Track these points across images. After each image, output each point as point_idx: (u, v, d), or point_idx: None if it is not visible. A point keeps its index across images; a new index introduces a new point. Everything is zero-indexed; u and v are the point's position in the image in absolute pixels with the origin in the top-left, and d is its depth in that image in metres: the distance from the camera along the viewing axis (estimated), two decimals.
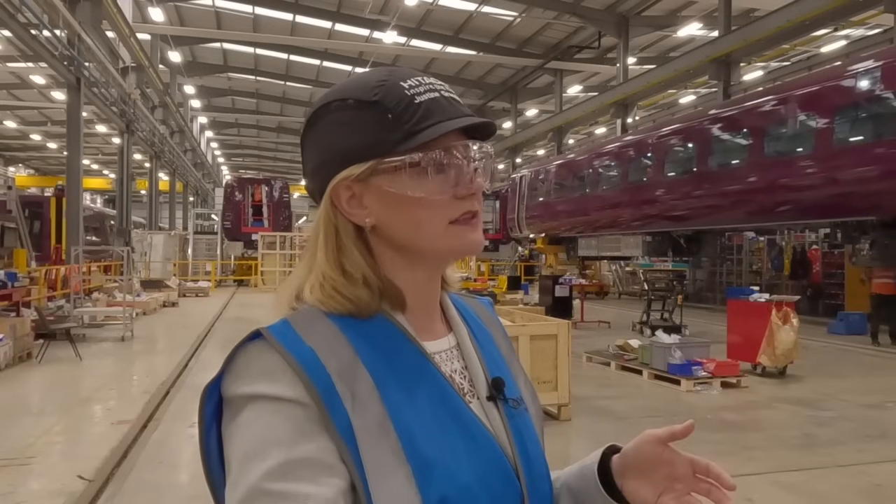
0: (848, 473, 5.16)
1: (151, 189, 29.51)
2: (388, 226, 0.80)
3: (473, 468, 0.75)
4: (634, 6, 23.22)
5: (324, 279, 0.79)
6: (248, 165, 63.31)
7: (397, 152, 0.77)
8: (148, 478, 4.99)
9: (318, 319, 0.78)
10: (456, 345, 0.87)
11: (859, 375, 9.53)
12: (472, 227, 0.81)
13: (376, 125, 0.77)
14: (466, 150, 0.80)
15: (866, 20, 18.03)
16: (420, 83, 0.80)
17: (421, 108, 0.77)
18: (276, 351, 0.73)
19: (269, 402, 0.71)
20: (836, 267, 17.28)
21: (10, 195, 14.65)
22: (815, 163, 12.03)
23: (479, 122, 0.80)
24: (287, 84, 36.76)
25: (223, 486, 0.75)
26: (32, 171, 53.27)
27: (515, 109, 33.94)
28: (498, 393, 0.84)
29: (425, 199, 0.77)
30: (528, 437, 0.84)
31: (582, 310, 15.42)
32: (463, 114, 0.80)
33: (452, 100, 0.81)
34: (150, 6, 24.83)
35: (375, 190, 0.79)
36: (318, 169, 0.82)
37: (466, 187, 0.79)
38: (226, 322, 14.47)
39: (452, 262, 0.87)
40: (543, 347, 6.44)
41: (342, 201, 0.80)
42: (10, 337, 8.79)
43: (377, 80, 0.80)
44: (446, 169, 0.78)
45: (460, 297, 0.95)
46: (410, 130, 0.77)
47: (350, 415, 0.71)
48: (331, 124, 0.80)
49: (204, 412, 0.75)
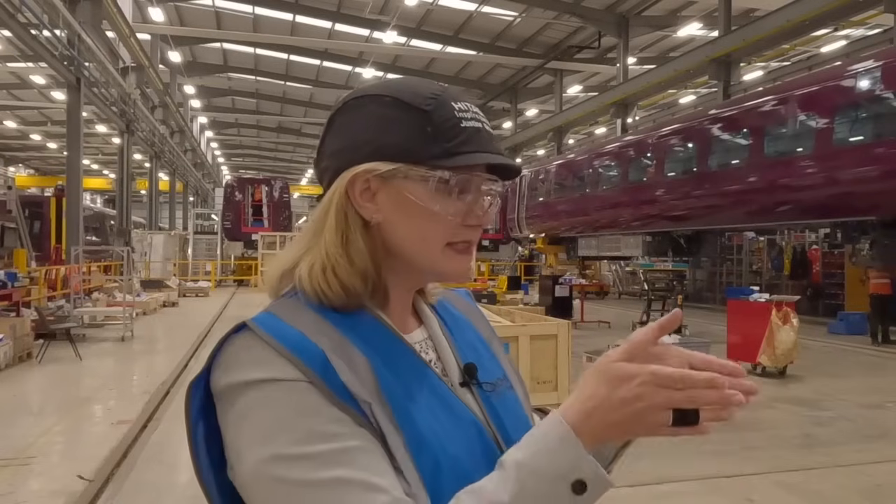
0: (848, 473, 5.16)
1: (151, 189, 29.51)
2: (393, 228, 0.81)
3: (460, 442, 0.77)
4: (634, 6, 23.22)
5: (327, 258, 0.80)
6: (248, 165, 63.33)
7: (430, 164, 0.79)
8: (148, 478, 4.99)
9: (301, 308, 0.79)
10: (428, 337, 0.89)
11: (859, 375, 9.53)
12: (465, 256, 0.84)
13: (419, 132, 0.79)
14: (489, 185, 0.83)
15: (866, 20, 18.03)
16: (468, 109, 0.83)
17: (464, 133, 0.80)
18: (263, 340, 0.74)
19: (270, 384, 0.72)
20: (836, 267, 17.28)
21: (10, 195, 14.64)
22: (815, 163, 12.03)
23: (511, 164, 0.84)
24: (287, 84, 36.76)
25: (214, 484, 0.75)
26: (32, 171, 53.30)
27: (515, 109, 33.93)
28: (470, 378, 0.86)
29: (439, 215, 0.80)
30: (506, 415, 0.85)
31: (582, 310, 15.42)
32: (497, 151, 0.83)
33: (490, 134, 0.84)
34: (150, 6, 24.83)
35: (393, 191, 0.80)
36: (341, 151, 0.83)
37: (477, 218, 0.83)
38: (226, 322, 14.46)
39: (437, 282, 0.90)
40: (543, 347, 6.44)
41: (356, 191, 0.81)
42: (10, 337, 8.79)
43: (431, 92, 0.82)
44: (466, 195, 0.81)
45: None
46: (450, 150, 0.79)
47: (347, 384, 0.72)
48: (373, 115, 0.81)
49: (190, 408, 0.76)
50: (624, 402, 0.67)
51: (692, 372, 0.68)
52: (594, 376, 0.70)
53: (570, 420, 0.68)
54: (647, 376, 0.67)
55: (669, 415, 0.68)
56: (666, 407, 0.67)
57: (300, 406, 0.70)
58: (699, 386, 0.67)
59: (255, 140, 52.01)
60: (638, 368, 0.68)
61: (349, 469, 0.68)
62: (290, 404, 0.71)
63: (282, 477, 0.68)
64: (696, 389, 0.67)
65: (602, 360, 0.70)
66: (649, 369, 0.67)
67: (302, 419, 0.70)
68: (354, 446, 0.69)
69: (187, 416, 0.76)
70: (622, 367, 0.68)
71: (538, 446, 0.68)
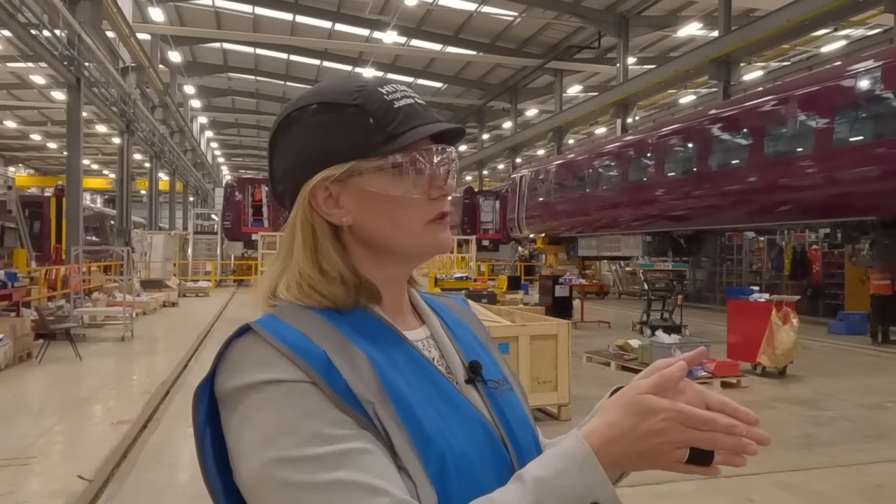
0: (848, 473, 5.17)
1: (151, 189, 29.52)
2: (365, 225, 0.82)
3: (466, 439, 0.77)
4: (634, 6, 23.22)
5: (300, 277, 0.81)
6: (248, 165, 63.30)
7: (379, 154, 0.80)
8: (148, 478, 4.99)
9: (301, 311, 0.80)
10: (430, 335, 0.89)
11: (859, 375, 9.52)
12: (444, 227, 0.85)
13: (357, 127, 0.80)
14: (441, 154, 0.84)
15: (866, 20, 18.04)
16: (396, 90, 0.83)
17: (400, 113, 0.81)
18: (267, 342, 0.74)
19: (274, 386, 0.72)
20: (836, 267, 17.27)
21: (10, 195, 14.65)
22: (815, 163, 12.03)
23: (453, 127, 0.85)
24: (287, 84, 36.75)
25: (221, 489, 0.75)
26: (32, 171, 53.30)
27: (515, 109, 33.93)
28: (475, 375, 0.86)
29: (404, 198, 0.81)
30: (510, 413, 0.86)
31: (582, 310, 15.42)
32: (436, 119, 0.84)
33: (425, 106, 0.85)
34: (150, 6, 24.84)
35: (354, 190, 0.81)
36: (293, 170, 0.83)
37: (440, 189, 0.83)
38: (226, 322, 14.46)
39: (424, 261, 0.90)
40: (543, 347, 6.44)
41: (319, 201, 0.82)
42: (10, 337, 8.79)
43: (356, 86, 0.83)
44: (423, 170, 0.82)
45: (430, 296, 0.98)
46: (392, 133, 0.80)
47: (350, 385, 0.72)
48: (308, 126, 0.82)
49: (197, 414, 0.76)
50: (648, 434, 0.69)
51: (716, 415, 0.69)
52: (621, 405, 0.71)
53: (593, 443, 0.69)
54: (674, 413, 0.68)
55: (686, 452, 0.70)
56: (686, 445, 0.69)
57: (302, 407, 0.71)
58: (720, 430, 0.68)
59: (255, 140, 51.99)
60: (667, 404, 0.69)
61: (351, 471, 0.68)
62: (293, 406, 0.71)
63: (283, 479, 0.68)
64: (717, 433, 0.68)
65: (630, 391, 0.71)
66: (677, 407, 0.69)
67: (304, 421, 0.70)
68: (356, 448, 0.69)
69: (195, 423, 0.76)
70: (651, 400, 0.69)
71: (559, 465, 0.69)
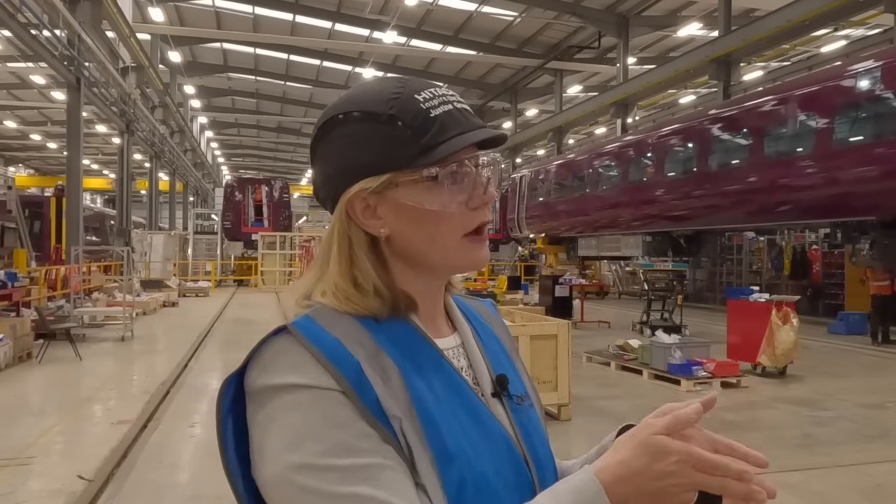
0: (848, 473, 5.17)
1: (151, 189, 29.51)
2: (401, 237, 0.81)
3: (488, 458, 0.77)
4: (634, 6, 23.21)
5: (336, 289, 0.81)
6: (248, 165, 63.33)
7: (414, 167, 0.78)
8: (148, 478, 4.99)
9: (339, 316, 0.80)
10: (461, 343, 0.89)
11: (859, 375, 9.53)
12: (480, 243, 0.83)
13: (392, 140, 0.78)
14: (479, 162, 0.82)
15: (866, 20, 18.02)
16: (433, 95, 0.81)
17: (436, 123, 0.78)
18: (302, 345, 0.74)
19: (304, 391, 0.72)
20: (836, 267, 17.27)
21: (10, 195, 14.65)
22: (815, 163, 12.02)
23: (493, 134, 0.82)
24: (287, 84, 36.75)
25: (240, 477, 0.76)
26: (32, 171, 53.27)
27: (515, 109, 33.92)
28: (502, 389, 0.86)
29: (441, 212, 0.79)
30: (533, 431, 0.86)
31: (582, 310, 15.43)
32: (476, 125, 0.82)
33: (465, 111, 0.82)
34: (150, 6, 24.82)
35: (390, 202, 0.80)
36: (331, 179, 0.83)
37: (480, 198, 0.82)
38: (226, 322, 14.47)
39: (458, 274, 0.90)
40: (543, 347, 6.44)
41: (357, 212, 0.81)
42: (10, 337, 8.79)
43: (391, 93, 0.80)
44: (461, 181, 0.80)
45: (463, 298, 0.97)
46: (427, 145, 0.78)
47: (380, 398, 0.73)
48: (343, 136, 0.81)
49: (221, 404, 0.77)
50: (659, 475, 0.68)
51: (729, 460, 0.69)
52: (634, 444, 0.70)
53: (604, 481, 0.69)
54: (686, 456, 0.68)
55: (695, 496, 0.70)
56: (696, 489, 0.69)
57: (330, 416, 0.71)
58: (731, 476, 0.68)
59: (255, 140, 52.01)
60: (680, 447, 0.69)
61: (371, 487, 0.68)
62: (321, 413, 0.71)
63: (304, 485, 0.69)
64: (727, 479, 0.68)
65: (644, 430, 0.71)
66: (690, 450, 0.68)
67: (330, 430, 0.70)
68: (378, 463, 0.70)
69: (218, 412, 0.76)
70: (664, 441, 0.69)
71: (569, 499, 0.69)
